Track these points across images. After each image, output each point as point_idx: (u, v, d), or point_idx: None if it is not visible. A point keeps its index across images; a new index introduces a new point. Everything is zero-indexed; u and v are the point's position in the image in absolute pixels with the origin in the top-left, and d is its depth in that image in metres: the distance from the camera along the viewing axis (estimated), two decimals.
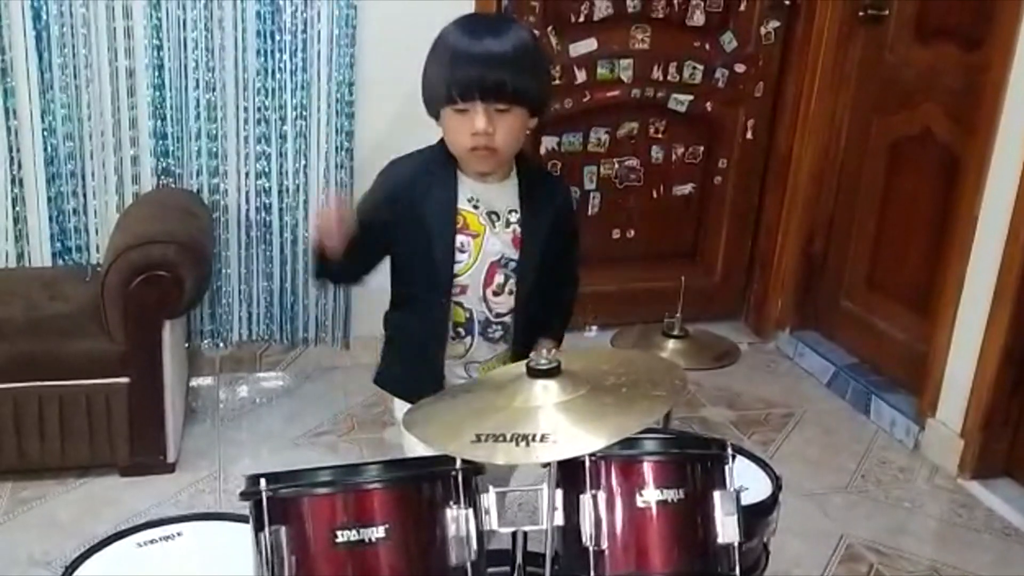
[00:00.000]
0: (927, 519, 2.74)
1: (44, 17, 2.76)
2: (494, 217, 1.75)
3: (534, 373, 1.40)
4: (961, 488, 2.86)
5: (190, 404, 3.02)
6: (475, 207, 1.74)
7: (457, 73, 1.65)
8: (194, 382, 3.15)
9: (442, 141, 1.75)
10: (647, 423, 1.35)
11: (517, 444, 1.29)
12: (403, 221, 1.73)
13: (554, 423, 1.33)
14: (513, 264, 1.76)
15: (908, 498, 2.82)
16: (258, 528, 1.35)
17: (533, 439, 1.29)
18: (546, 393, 1.38)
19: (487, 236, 1.74)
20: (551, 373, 1.39)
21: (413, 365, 1.81)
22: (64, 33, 2.79)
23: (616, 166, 3.53)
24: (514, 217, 1.77)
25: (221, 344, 3.21)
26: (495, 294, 1.77)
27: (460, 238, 1.73)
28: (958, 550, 2.60)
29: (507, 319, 1.79)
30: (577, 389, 1.38)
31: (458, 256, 1.74)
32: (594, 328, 3.60)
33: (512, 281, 1.77)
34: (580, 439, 1.32)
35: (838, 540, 2.59)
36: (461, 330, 1.78)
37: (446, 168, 1.75)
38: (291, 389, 3.21)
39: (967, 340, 2.85)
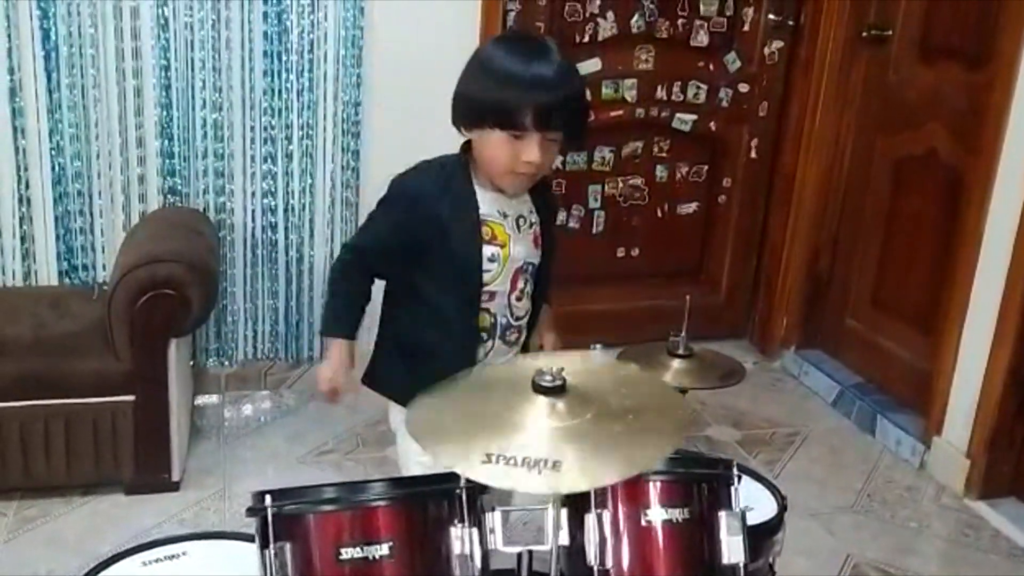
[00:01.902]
0: (934, 539, 2.73)
1: (53, 37, 2.78)
2: (521, 222, 1.79)
3: (540, 389, 1.40)
4: (967, 508, 2.85)
5: (195, 422, 3.02)
6: (504, 216, 1.77)
7: (522, 99, 1.65)
8: (199, 400, 3.15)
9: (461, 152, 1.77)
10: (659, 458, 1.35)
11: (528, 469, 1.28)
12: (425, 237, 1.72)
13: (564, 450, 1.32)
14: (532, 267, 1.82)
15: (914, 518, 2.81)
16: (263, 545, 1.36)
17: (544, 465, 1.29)
18: (553, 412, 1.37)
19: (512, 243, 1.77)
20: (556, 391, 1.39)
21: (427, 376, 1.63)
22: (72, 53, 2.81)
23: (621, 185, 3.54)
24: (533, 217, 1.82)
25: (226, 362, 3.21)
26: (517, 299, 1.81)
27: (490, 249, 1.75)
28: (965, 570, 2.59)
29: (522, 322, 1.85)
30: (584, 411, 1.37)
31: (487, 266, 1.75)
32: (598, 346, 3.59)
33: (529, 284, 1.82)
34: (592, 471, 1.31)
35: (844, 560, 2.58)
36: (484, 335, 1.80)
37: (463, 181, 1.75)
38: (296, 407, 3.21)
39: (972, 359, 2.85)
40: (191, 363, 3.07)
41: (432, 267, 1.75)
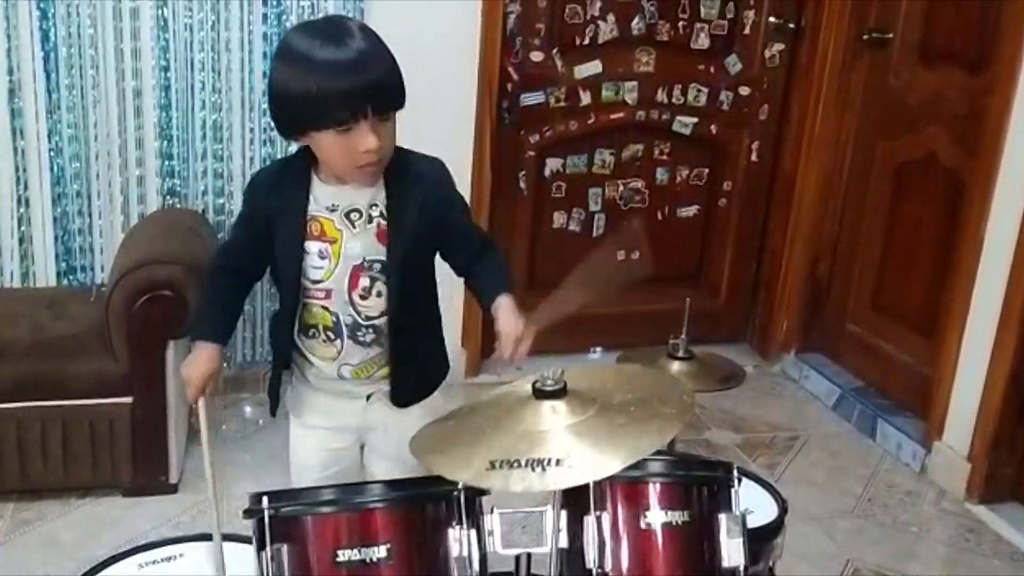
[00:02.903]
0: (934, 543, 2.72)
1: (52, 38, 2.78)
2: (355, 216, 1.66)
3: (541, 394, 1.39)
4: (968, 512, 2.84)
5: (192, 425, 3.00)
6: (332, 210, 1.66)
7: (337, 89, 1.53)
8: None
9: (301, 149, 1.69)
10: (662, 443, 1.34)
11: (533, 470, 1.28)
12: (264, 233, 1.69)
13: (567, 447, 1.32)
14: (379, 265, 1.67)
15: (915, 522, 2.80)
16: (260, 547, 1.35)
17: (548, 464, 1.28)
18: (555, 415, 1.37)
19: (345, 240, 1.66)
20: (558, 394, 1.38)
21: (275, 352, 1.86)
22: (72, 54, 2.80)
23: (621, 188, 3.53)
24: (376, 211, 1.66)
25: (224, 365, 3.19)
26: (362, 298, 1.68)
27: (318, 245, 1.66)
28: (966, 575, 2.58)
29: (378, 322, 1.70)
30: (586, 410, 1.37)
31: (318, 262, 1.67)
32: (598, 350, 3.58)
33: (380, 283, 1.67)
34: (596, 463, 1.31)
35: (844, 565, 2.57)
36: (330, 333, 1.71)
37: (301, 176, 1.68)
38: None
39: (973, 363, 2.84)
40: None
41: (273, 262, 1.73)
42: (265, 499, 1.35)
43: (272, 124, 2.97)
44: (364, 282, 1.67)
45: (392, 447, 1.75)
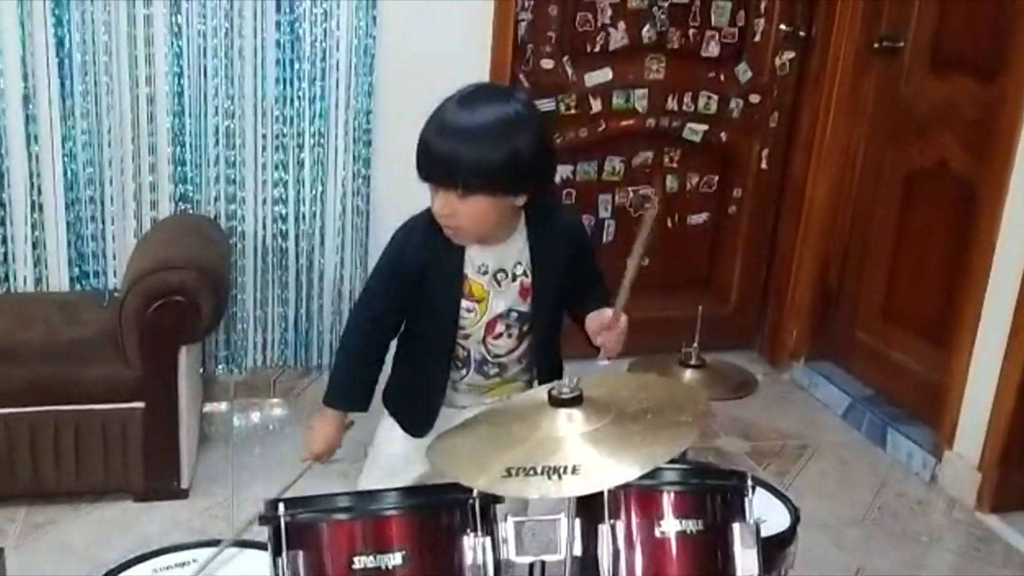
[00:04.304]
0: (945, 553, 2.72)
1: (67, 45, 2.79)
2: (501, 276, 1.75)
3: (556, 402, 1.39)
4: (979, 522, 2.83)
5: (204, 430, 3.01)
6: (483, 272, 1.74)
7: (420, 146, 1.64)
8: (208, 408, 3.15)
9: None
10: (678, 450, 1.34)
11: (548, 477, 1.28)
12: (412, 291, 1.76)
13: (583, 454, 1.32)
14: (516, 315, 1.77)
15: (925, 531, 2.79)
16: (276, 553, 1.35)
17: (564, 471, 1.28)
18: (571, 422, 1.37)
19: (492, 299, 1.75)
20: (574, 402, 1.38)
21: (411, 403, 1.88)
22: (86, 61, 2.82)
23: (631, 195, 3.54)
24: (520, 270, 1.76)
25: (236, 370, 3.21)
26: (495, 339, 1.79)
27: (467, 303, 1.74)
28: None
29: (504, 359, 1.82)
30: (602, 417, 1.37)
31: (465, 315, 1.75)
32: (607, 358, 3.58)
33: (515, 328, 1.78)
34: (612, 470, 1.31)
35: (854, 574, 2.56)
36: (459, 363, 1.81)
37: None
38: (304, 416, 3.20)
39: (984, 372, 2.83)
40: (201, 370, 3.07)
41: (418, 318, 1.80)
42: (281, 506, 1.35)
43: (283, 131, 3.03)
44: (500, 328, 1.78)
45: None
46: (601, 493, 1.42)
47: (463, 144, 1.61)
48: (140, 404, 2.58)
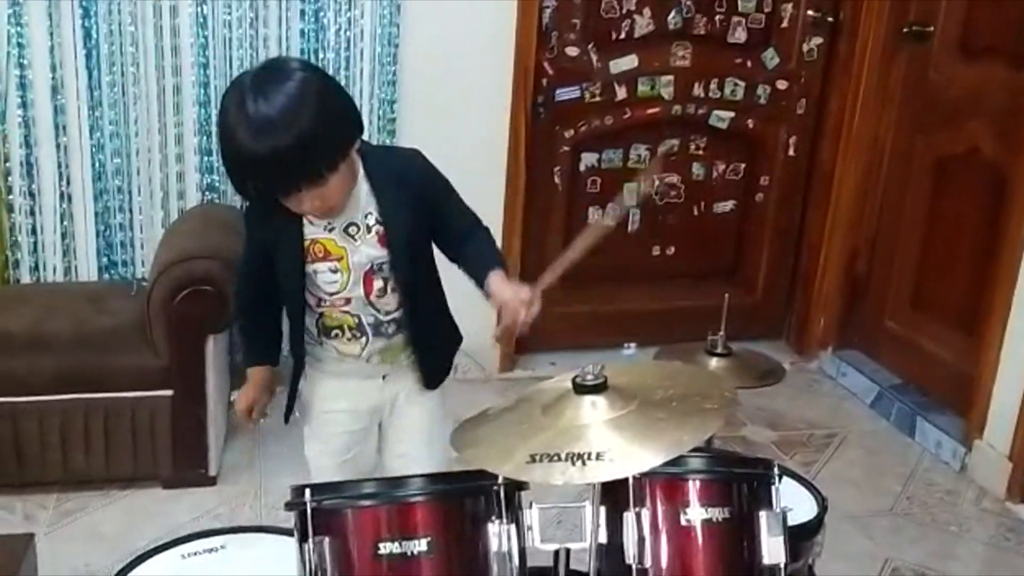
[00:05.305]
0: (974, 543, 2.69)
1: (95, 36, 2.81)
2: (353, 229, 1.71)
3: (581, 389, 1.39)
4: (1009, 512, 2.80)
5: (231, 418, 3.03)
6: (330, 230, 1.71)
7: (260, 183, 1.59)
8: (235, 396, 3.15)
9: None
10: (703, 437, 1.34)
11: (573, 463, 1.28)
12: (266, 260, 1.77)
13: (608, 440, 1.32)
14: (387, 265, 1.73)
15: (955, 521, 2.77)
16: (302, 539, 1.36)
17: (589, 458, 1.28)
18: (595, 410, 1.37)
19: (350, 253, 1.72)
20: (598, 389, 1.38)
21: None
22: (113, 52, 2.84)
23: (656, 183, 3.51)
24: (372, 219, 1.71)
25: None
26: (379, 297, 1.75)
27: (326, 264, 1.72)
28: (1006, 575, 2.54)
29: (397, 315, 1.78)
30: (627, 404, 1.37)
31: (331, 277, 1.72)
32: (632, 346, 3.57)
33: (392, 280, 1.74)
34: (636, 456, 1.31)
35: (883, 564, 2.55)
36: (355, 332, 1.78)
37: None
38: None
39: (1015, 361, 2.80)
40: (228, 359, 3.09)
41: (277, 286, 1.79)
42: (308, 492, 1.36)
43: None
44: (378, 284, 1.74)
45: (414, 420, 1.87)
46: (626, 481, 1.42)
47: (297, 139, 1.53)
48: (168, 392, 2.61)
